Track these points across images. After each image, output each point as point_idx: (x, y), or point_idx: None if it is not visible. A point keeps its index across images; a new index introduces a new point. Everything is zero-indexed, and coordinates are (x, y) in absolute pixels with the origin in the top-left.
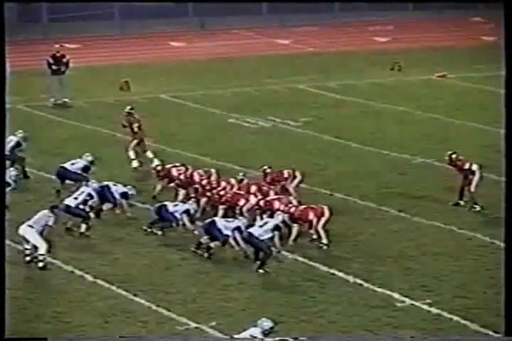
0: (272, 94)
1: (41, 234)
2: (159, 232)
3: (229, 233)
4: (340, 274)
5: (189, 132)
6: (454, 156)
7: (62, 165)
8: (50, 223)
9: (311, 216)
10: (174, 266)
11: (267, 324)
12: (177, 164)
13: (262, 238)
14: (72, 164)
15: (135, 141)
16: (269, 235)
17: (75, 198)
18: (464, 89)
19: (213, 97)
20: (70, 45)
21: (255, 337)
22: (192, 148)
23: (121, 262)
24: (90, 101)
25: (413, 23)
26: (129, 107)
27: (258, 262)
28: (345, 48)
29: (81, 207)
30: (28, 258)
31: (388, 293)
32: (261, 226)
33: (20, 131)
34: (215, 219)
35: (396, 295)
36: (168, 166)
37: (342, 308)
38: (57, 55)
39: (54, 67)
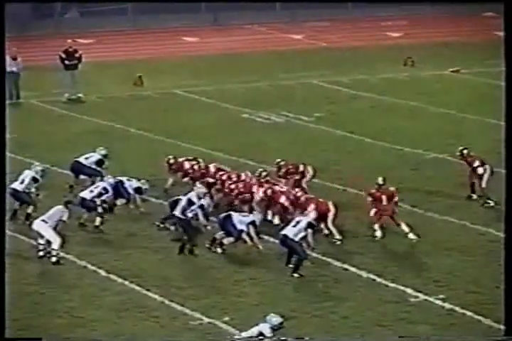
0: (285, 89)
1: (55, 229)
2: (172, 227)
3: (243, 228)
4: (353, 269)
5: (202, 127)
6: (465, 152)
7: (76, 159)
8: (64, 218)
9: (312, 207)
10: (187, 261)
11: (276, 319)
12: (189, 157)
13: (296, 239)
14: (86, 158)
15: None
16: (303, 234)
17: (91, 191)
18: (477, 84)
19: (226, 92)
20: (83, 40)
21: (252, 337)
22: (205, 143)
23: (134, 257)
24: (103, 96)
25: (426, 19)
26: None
27: (291, 265)
28: (358, 43)
29: (95, 200)
30: (41, 253)
31: (401, 288)
32: (294, 226)
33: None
34: (231, 213)
35: (409, 291)
36: (180, 159)
37: (355, 304)
38: (70, 50)
39: (67, 62)
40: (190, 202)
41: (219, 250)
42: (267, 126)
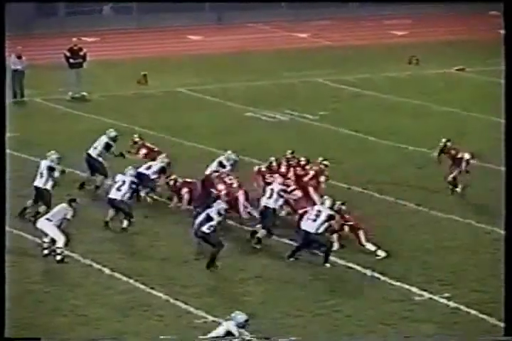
0: (290, 87)
1: (59, 227)
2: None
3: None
4: (358, 268)
5: (206, 125)
6: (448, 144)
7: (87, 151)
8: (68, 216)
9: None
10: (191, 259)
11: (241, 317)
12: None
13: (319, 231)
14: (95, 148)
15: None
16: (325, 226)
17: (118, 189)
18: (481, 82)
19: (231, 91)
20: (87, 38)
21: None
22: (209, 142)
23: (139, 255)
24: (108, 94)
25: (430, 17)
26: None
27: (292, 259)
28: (362, 42)
29: (128, 196)
30: (46, 252)
31: (406, 286)
32: (314, 220)
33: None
34: (265, 204)
35: (414, 289)
36: (146, 144)
37: (359, 302)
38: (75, 48)
39: (71, 60)
40: (208, 218)
41: (258, 246)
42: (271, 124)
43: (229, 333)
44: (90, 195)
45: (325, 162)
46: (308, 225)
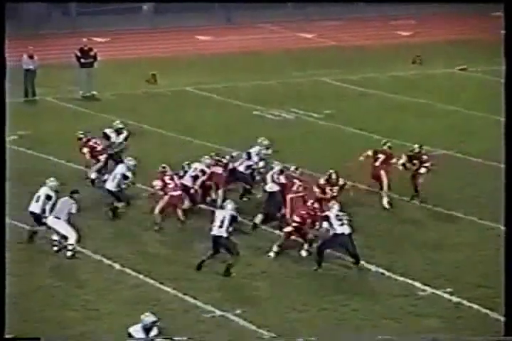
0: (296, 86)
1: (69, 222)
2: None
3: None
4: (363, 263)
5: (214, 124)
6: (422, 150)
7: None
8: (73, 211)
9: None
10: (200, 255)
11: (148, 319)
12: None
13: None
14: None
15: None
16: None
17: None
18: (485, 82)
19: (238, 90)
20: (98, 38)
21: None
22: (217, 140)
23: (149, 251)
24: (117, 93)
25: (435, 17)
26: None
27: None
28: (367, 42)
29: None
30: (56, 248)
31: (410, 282)
32: (342, 224)
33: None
34: (268, 190)
35: (417, 284)
36: (89, 143)
37: (364, 297)
38: (85, 48)
39: (82, 60)
40: (233, 219)
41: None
42: (277, 122)
43: (129, 335)
44: (100, 191)
45: (388, 144)
46: (347, 228)
